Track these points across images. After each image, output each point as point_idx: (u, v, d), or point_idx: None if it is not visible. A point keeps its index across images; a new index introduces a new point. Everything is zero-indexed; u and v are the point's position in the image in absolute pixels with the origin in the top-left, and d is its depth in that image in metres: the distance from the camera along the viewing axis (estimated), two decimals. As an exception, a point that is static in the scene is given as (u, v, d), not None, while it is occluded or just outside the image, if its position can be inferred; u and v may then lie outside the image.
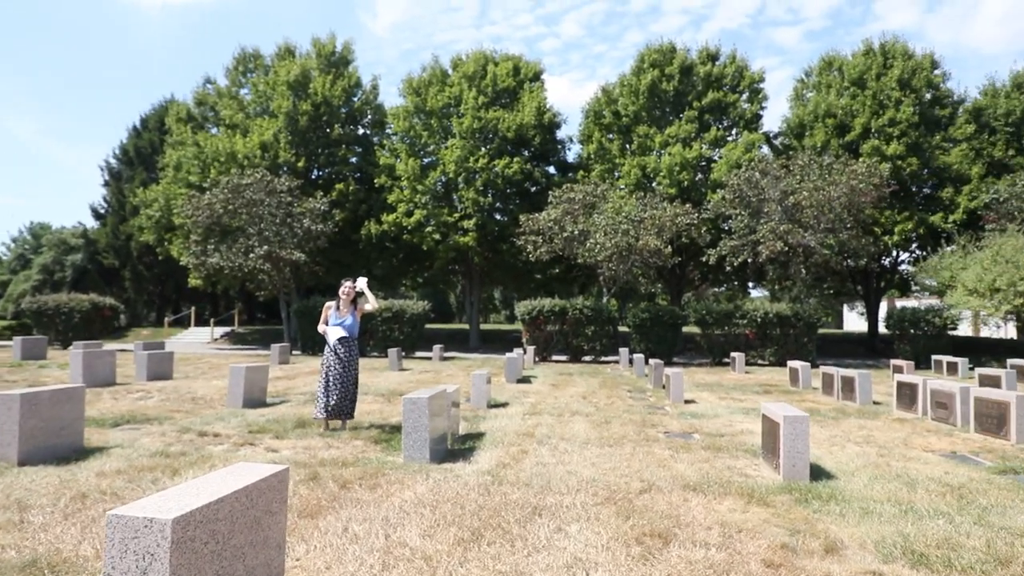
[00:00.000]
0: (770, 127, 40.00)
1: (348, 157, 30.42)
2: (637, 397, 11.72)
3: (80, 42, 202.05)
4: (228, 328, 35.39)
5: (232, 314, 38.66)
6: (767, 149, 29.97)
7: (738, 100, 28.68)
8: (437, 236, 27.62)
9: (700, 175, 27.62)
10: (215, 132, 30.90)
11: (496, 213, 29.18)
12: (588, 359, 22.66)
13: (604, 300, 24.17)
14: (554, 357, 22.72)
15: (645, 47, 29.68)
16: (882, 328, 28.18)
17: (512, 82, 29.21)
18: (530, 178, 28.60)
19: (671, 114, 29.07)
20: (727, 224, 24.81)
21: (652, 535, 3.98)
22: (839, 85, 28.66)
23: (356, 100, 30.99)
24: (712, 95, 27.97)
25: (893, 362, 16.66)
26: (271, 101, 29.06)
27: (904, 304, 28.55)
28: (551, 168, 31.61)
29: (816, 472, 5.71)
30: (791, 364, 14.77)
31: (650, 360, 14.91)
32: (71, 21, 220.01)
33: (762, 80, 29.27)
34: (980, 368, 14.03)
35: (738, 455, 6.57)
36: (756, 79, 29.07)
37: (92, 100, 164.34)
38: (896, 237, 26.27)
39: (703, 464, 6.09)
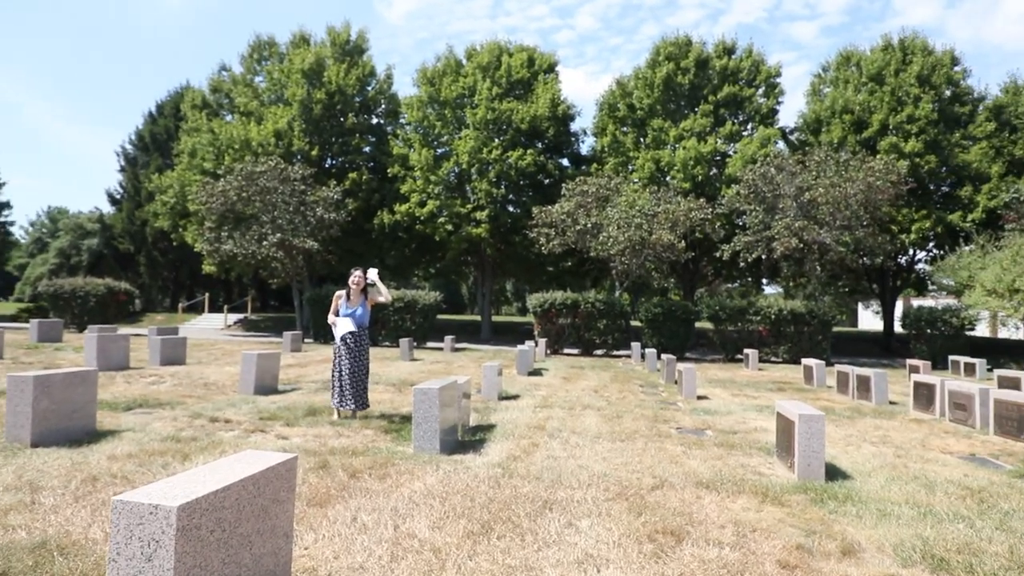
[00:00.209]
0: (786, 122, 39.59)
1: (361, 146, 30.41)
2: (649, 392, 11.63)
3: (98, 27, 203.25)
4: (241, 315, 35.55)
5: (245, 301, 38.84)
6: (783, 144, 29.67)
7: (754, 94, 28.38)
8: (450, 227, 27.56)
9: (715, 170, 27.39)
10: (230, 119, 30.99)
11: (509, 205, 29.09)
12: (600, 353, 22.59)
13: (616, 294, 24.03)
14: (566, 350, 22.66)
15: (661, 40, 29.47)
16: (898, 327, 27.90)
17: (526, 73, 29.06)
18: (543, 170, 28.48)
19: (686, 108, 28.83)
20: (741, 220, 24.61)
21: (664, 532, 3.91)
22: (857, 81, 28.28)
23: (370, 89, 30.94)
24: (728, 89, 27.70)
25: (909, 362, 16.46)
26: (285, 89, 29.07)
27: (921, 303, 28.21)
28: (564, 160, 31.48)
29: (832, 472, 5.62)
30: (805, 362, 14.61)
31: (662, 355, 14.81)
32: (89, 6, 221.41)
33: (779, 75, 28.96)
34: (999, 369, 13.83)
35: (752, 453, 6.48)
36: (773, 73, 28.75)
37: (109, 86, 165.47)
38: (913, 235, 25.94)
39: (716, 461, 6.01)
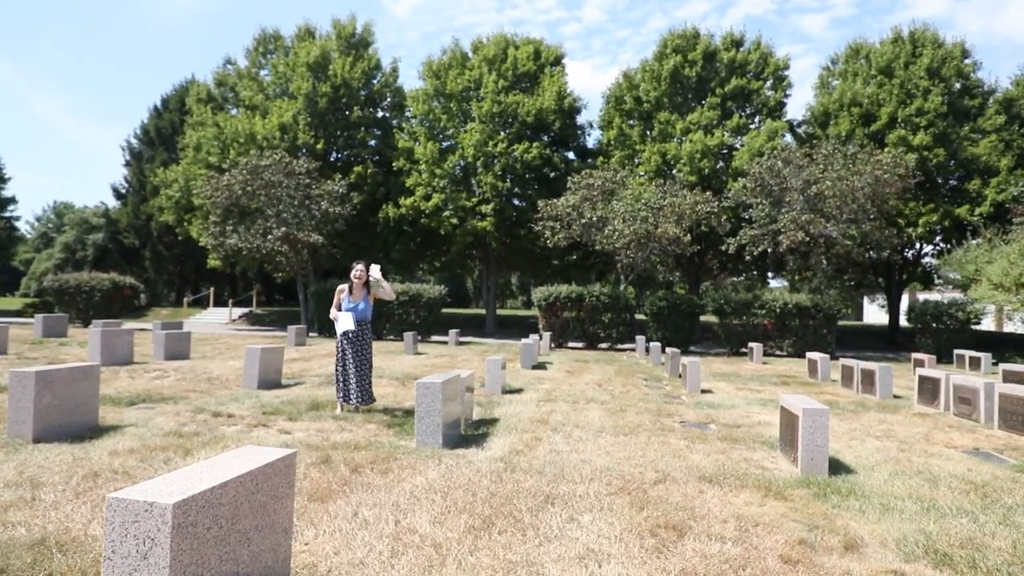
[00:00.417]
0: (794, 115, 39.42)
1: (367, 140, 30.36)
2: (653, 386, 11.61)
3: (103, 21, 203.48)
4: (246, 309, 35.65)
5: (250, 295, 38.94)
6: (790, 138, 29.50)
7: (762, 87, 28.20)
8: (455, 220, 27.52)
9: (721, 163, 27.26)
10: (235, 113, 31.00)
11: (514, 198, 29.02)
12: (604, 346, 22.56)
13: (621, 287, 23.98)
14: (570, 344, 22.64)
15: (668, 32, 29.28)
16: (903, 321, 27.76)
17: (532, 66, 28.94)
18: (549, 163, 28.39)
19: (693, 100, 28.67)
20: (748, 213, 24.49)
21: (666, 527, 3.90)
22: (866, 73, 28.07)
23: (376, 82, 30.87)
24: (735, 82, 27.53)
25: (914, 356, 16.38)
26: (291, 82, 29.04)
27: (926, 297, 28.04)
28: (570, 154, 31.37)
29: (835, 466, 5.60)
30: (810, 356, 14.55)
31: (667, 349, 14.78)
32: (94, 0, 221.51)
33: (787, 67, 28.75)
34: (1004, 364, 13.75)
35: (755, 447, 6.46)
36: (781, 66, 28.55)
37: (115, 80, 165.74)
38: (920, 229, 25.78)
39: (719, 455, 5.99)
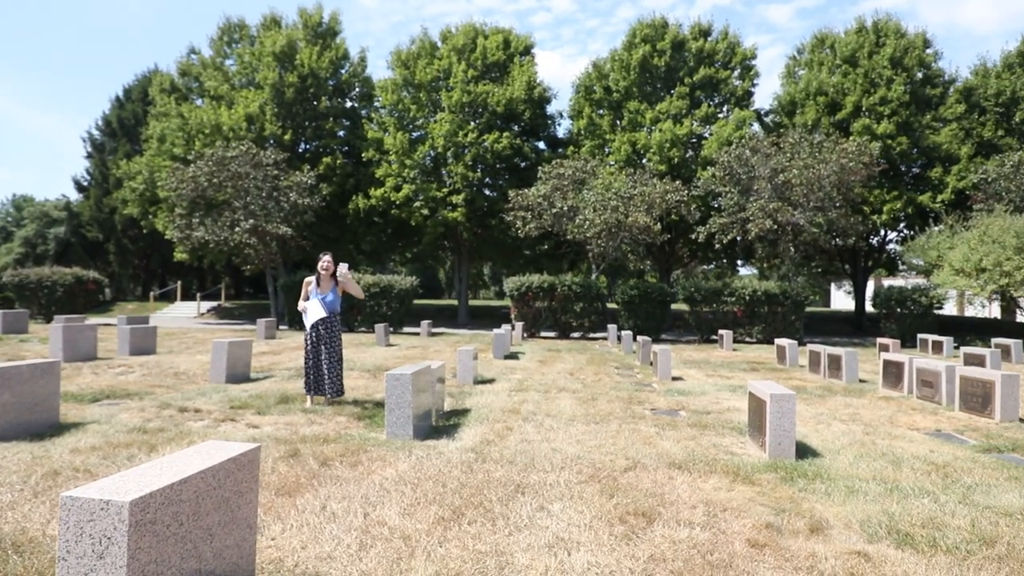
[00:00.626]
0: (761, 104, 39.81)
1: (335, 130, 30.01)
2: (624, 374, 11.69)
3: (62, 9, 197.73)
4: (215, 303, 35.11)
5: (219, 289, 38.33)
6: (758, 127, 29.84)
7: (730, 77, 28.45)
8: (426, 211, 27.38)
9: (690, 152, 27.48)
10: (200, 103, 30.37)
11: (485, 188, 28.95)
12: (576, 335, 22.66)
13: (593, 277, 24.10)
14: (542, 333, 22.70)
15: (637, 22, 29.38)
16: (869, 307, 28.33)
17: (502, 56, 28.81)
18: (520, 153, 28.33)
19: (662, 90, 28.82)
20: (717, 202, 24.74)
21: (636, 514, 3.92)
22: (831, 63, 28.48)
23: (344, 72, 30.49)
24: (704, 71, 27.73)
25: (879, 340, 16.72)
26: (256, 72, 28.54)
27: (891, 283, 28.66)
28: (541, 143, 31.34)
29: (802, 450, 5.69)
30: (778, 342, 14.77)
31: (638, 337, 14.90)
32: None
33: (754, 57, 29.06)
34: (965, 347, 14.12)
35: (724, 433, 6.54)
36: (748, 56, 28.84)
37: (75, 70, 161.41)
38: (885, 216, 26.32)
39: (689, 442, 6.05)
